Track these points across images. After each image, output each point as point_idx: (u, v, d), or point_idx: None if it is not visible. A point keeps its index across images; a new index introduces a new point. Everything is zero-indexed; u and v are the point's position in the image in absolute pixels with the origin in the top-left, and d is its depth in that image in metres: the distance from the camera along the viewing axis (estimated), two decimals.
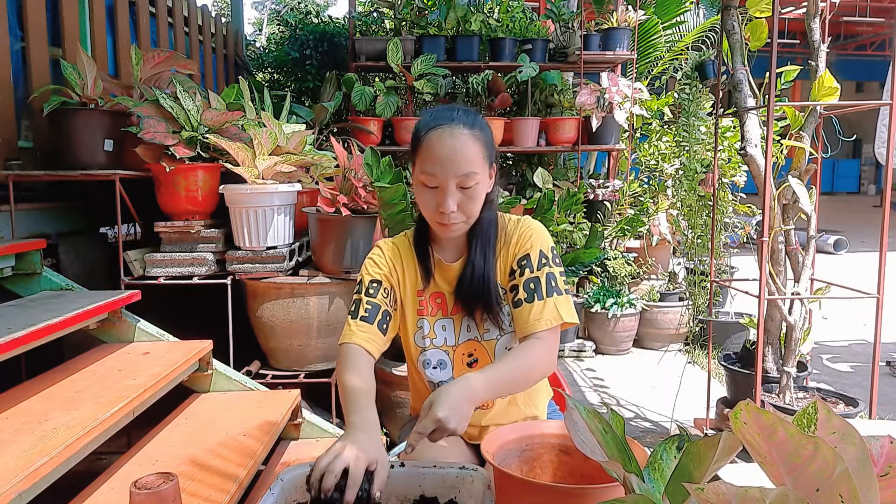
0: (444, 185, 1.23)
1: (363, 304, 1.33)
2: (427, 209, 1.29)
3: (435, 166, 1.23)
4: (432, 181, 1.24)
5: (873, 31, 12.52)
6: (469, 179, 1.23)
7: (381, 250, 1.41)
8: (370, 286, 1.35)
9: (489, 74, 4.37)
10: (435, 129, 1.24)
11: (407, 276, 1.39)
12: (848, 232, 8.29)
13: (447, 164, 1.22)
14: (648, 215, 4.25)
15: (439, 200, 1.25)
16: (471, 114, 1.28)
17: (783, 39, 2.59)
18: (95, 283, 2.41)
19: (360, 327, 1.31)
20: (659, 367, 3.85)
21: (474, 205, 1.27)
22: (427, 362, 1.39)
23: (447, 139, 1.23)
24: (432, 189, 1.25)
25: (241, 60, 5.14)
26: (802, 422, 0.60)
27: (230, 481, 1.60)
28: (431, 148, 1.23)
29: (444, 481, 1.05)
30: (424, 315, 1.39)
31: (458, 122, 1.24)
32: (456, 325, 1.39)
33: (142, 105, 2.47)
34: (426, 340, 1.39)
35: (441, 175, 1.23)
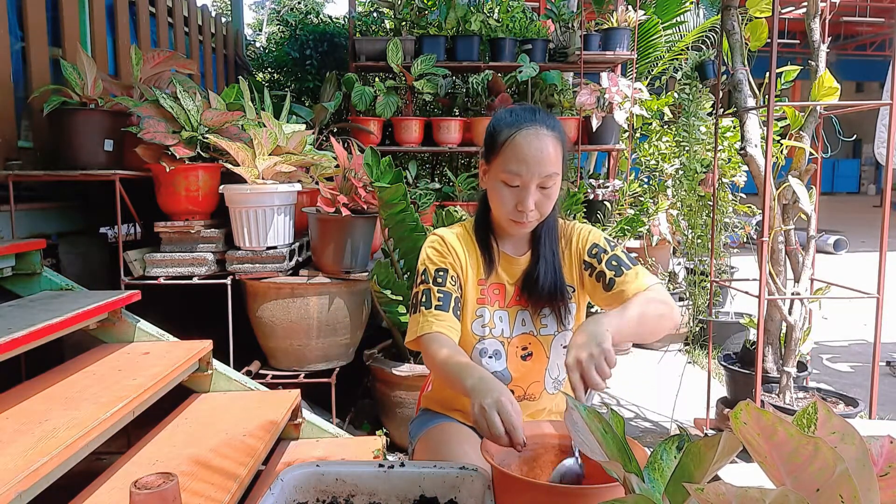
0: (527, 185, 1.28)
1: (434, 293, 1.34)
2: (505, 207, 1.32)
3: (521, 166, 1.27)
4: (515, 180, 1.29)
5: (873, 31, 12.52)
6: (550, 180, 1.29)
7: (441, 239, 1.42)
8: (437, 275, 1.37)
9: (489, 74, 4.37)
10: (521, 130, 1.28)
11: (469, 263, 1.42)
12: (848, 232, 8.29)
13: (533, 164, 1.27)
14: (648, 215, 4.25)
15: (520, 199, 1.29)
16: (551, 116, 1.34)
17: (783, 39, 2.59)
18: (95, 283, 2.41)
19: (437, 316, 1.32)
20: (659, 367, 3.85)
21: (550, 204, 1.33)
22: (484, 350, 1.40)
23: (534, 140, 1.27)
24: (513, 188, 1.30)
25: (241, 60, 5.14)
26: (802, 422, 0.60)
27: (231, 480, 1.60)
28: (518, 148, 1.27)
29: (444, 481, 1.05)
30: (485, 304, 1.41)
31: (541, 123, 1.29)
32: (511, 317, 1.41)
33: (142, 105, 2.47)
34: (485, 329, 1.40)
35: (526, 175, 1.27)
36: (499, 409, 1.02)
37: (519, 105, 1.37)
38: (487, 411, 1.03)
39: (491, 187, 1.34)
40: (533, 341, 1.41)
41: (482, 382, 1.10)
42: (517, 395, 1.43)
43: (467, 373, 1.15)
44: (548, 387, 1.44)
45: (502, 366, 1.40)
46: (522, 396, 1.43)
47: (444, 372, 1.23)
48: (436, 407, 1.51)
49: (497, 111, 1.39)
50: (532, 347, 1.41)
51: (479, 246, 1.42)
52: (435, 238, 1.43)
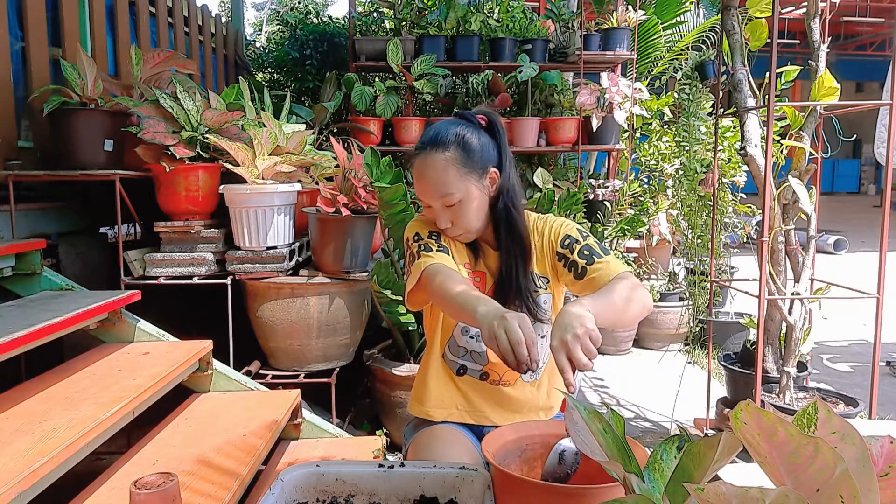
0: (433, 207, 1.38)
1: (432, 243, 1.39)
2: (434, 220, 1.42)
3: (419, 192, 1.39)
4: (424, 203, 1.40)
5: (873, 31, 12.52)
6: (449, 199, 1.36)
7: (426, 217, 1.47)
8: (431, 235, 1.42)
9: (489, 74, 4.37)
10: (417, 157, 1.38)
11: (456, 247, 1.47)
12: (848, 232, 8.29)
13: (428, 189, 1.37)
14: (648, 215, 4.25)
15: (435, 217, 1.41)
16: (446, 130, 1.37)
17: (783, 39, 2.59)
18: (95, 283, 2.41)
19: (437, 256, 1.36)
20: (659, 367, 3.85)
21: (466, 217, 1.38)
22: (466, 330, 1.45)
23: (424, 168, 1.37)
24: (429, 207, 1.41)
25: (241, 60, 5.14)
26: (802, 422, 0.60)
27: (232, 479, 1.60)
28: (415, 175, 1.39)
29: (444, 481, 1.05)
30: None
31: (432, 146, 1.36)
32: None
33: (142, 105, 2.47)
34: None
35: (426, 199, 1.39)
36: (506, 328, 1.04)
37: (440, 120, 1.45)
38: (496, 331, 1.05)
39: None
40: None
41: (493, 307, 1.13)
42: (492, 378, 1.46)
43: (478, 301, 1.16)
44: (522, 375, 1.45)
45: (482, 347, 1.44)
46: (498, 381, 1.47)
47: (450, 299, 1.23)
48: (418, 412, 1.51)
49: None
50: None
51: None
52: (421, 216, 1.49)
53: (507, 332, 1.04)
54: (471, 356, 1.46)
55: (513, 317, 1.06)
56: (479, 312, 1.12)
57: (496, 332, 1.05)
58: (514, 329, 1.03)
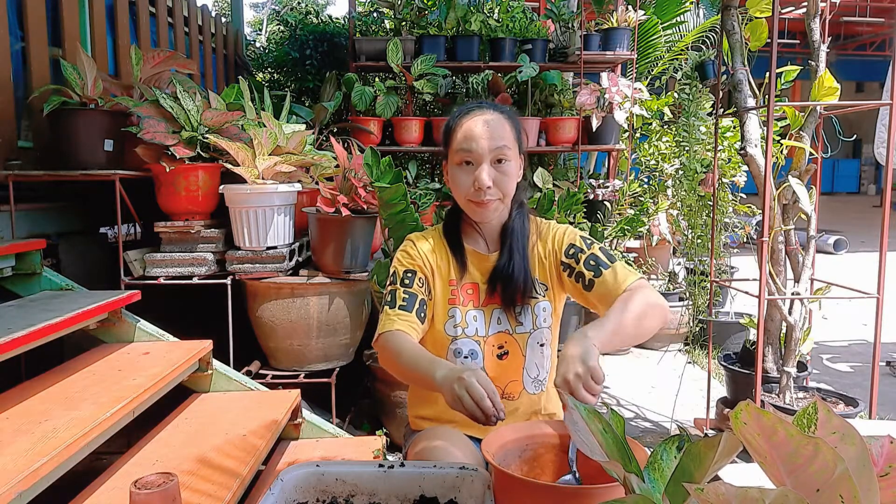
0: (480, 160, 1.31)
1: (399, 293, 1.36)
2: (464, 189, 1.35)
3: (471, 142, 1.31)
4: (468, 156, 1.32)
5: (873, 31, 12.51)
6: (503, 153, 1.32)
7: (412, 242, 1.44)
8: (405, 276, 1.39)
9: (489, 74, 4.37)
10: (469, 114, 1.35)
11: (440, 265, 1.43)
12: (848, 232, 8.29)
13: (482, 139, 1.31)
14: (648, 215, 4.25)
15: (476, 176, 1.32)
16: (499, 104, 1.40)
17: (783, 39, 2.59)
18: (95, 283, 2.41)
19: (400, 315, 1.33)
20: (659, 367, 3.85)
21: (509, 182, 1.34)
22: (458, 351, 1.40)
23: (480, 119, 1.33)
24: (467, 167, 1.33)
25: (241, 60, 5.14)
26: (802, 422, 0.60)
27: (232, 479, 1.60)
28: (467, 128, 1.33)
29: (444, 481, 1.05)
30: (456, 304, 1.41)
31: (488, 107, 1.36)
32: (486, 316, 1.41)
33: (142, 105, 2.47)
34: (458, 329, 1.40)
35: (477, 149, 1.31)
36: (466, 388, 1.04)
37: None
38: (457, 392, 1.05)
39: (451, 177, 1.38)
40: (509, 339, 1.41)
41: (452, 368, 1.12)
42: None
43: (434, 366, 1.16)
44: (527, 386, 1.44)
45: (479, 365, 1.40)
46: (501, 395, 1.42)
47: (408, 369, 1.23)
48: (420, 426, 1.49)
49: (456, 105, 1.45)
50: (508, 346, 1.41)
51: (449, 247, 1.43)
52: (407, 242, 1.45)
53: (468, 391, 1.04)
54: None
55: (469, 374, 1.06)
56: (437, 379, 1.12)
57: (458, 393, 1.05)
58: (473, 387, 1.04)
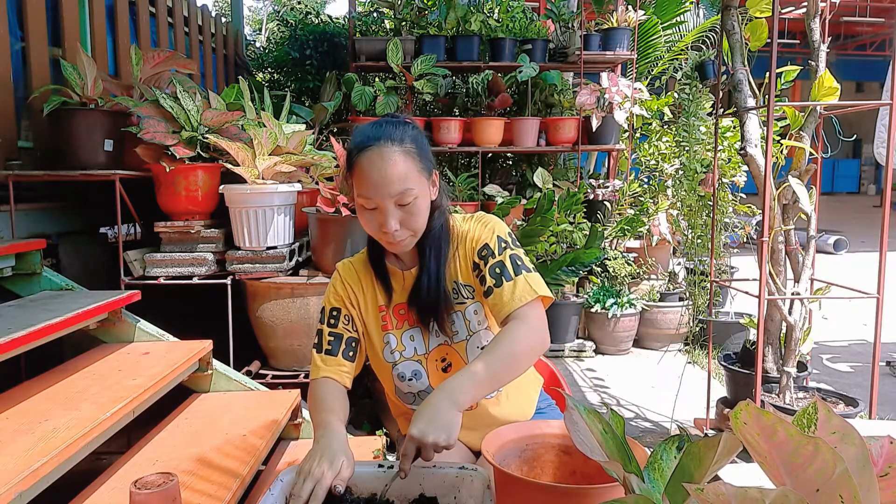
0: (383, 206, 1.22)
1: (325, 336, 1.34)
2: (371, 230, 1.28)
3: (369, 189, 1.21)
4: (370, 203, 1.23)
5: (873, 31, 12.51)
6: (406, 196, 1.21)
7: (338, 274, 1.40)
8: (331, 315, 1.35)
9: (489, 74, 4.37)
10: (364, 151, 1.21)
11: (367, 294, 1.38)
12: (848, 232, 8.29)
13: (381, 186, 1.20)
14: (648, 215, 4.25)
15: (380, 221, 1.23)
16: (399, 126, 1.25)
17: (783, 39, 2.59)
18: (95, 283, 2.41)
19: (326, 361, 1.31)
20: (659, 367, 3.85)
21: (417, 219, 1.25)
22: (402, 375, 1.37)
23: (377, 160, 1.20)
24: (372, 210, 1.24)
25: (241, 60, 5.14)
26: (802, 422, 0.60)
27: (232, 479, 1.60)
28: (363, 171, 1.21)
29: (444, 481, 1.05)
30: (389, 329, 1.37)
31: (385, 139, 1.21)
32: (423, 333, 1.37)
33: (142, 105, 2.47)
34: (395, 354, 1.37)
35: (377, 197, 1.21)
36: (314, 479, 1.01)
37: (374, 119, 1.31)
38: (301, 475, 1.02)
39: (357, 211, 1.29)
40: (449, 350, 1.37)
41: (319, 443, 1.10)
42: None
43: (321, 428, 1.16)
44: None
45: (425, 384, 1.37)
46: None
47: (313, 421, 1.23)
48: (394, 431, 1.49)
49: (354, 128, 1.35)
50: (450, 357, 1.37)
51: (374, 271, 1.39)
52: (335, 273, 1.41)
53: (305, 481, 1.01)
54: (419, 397, 1.39)
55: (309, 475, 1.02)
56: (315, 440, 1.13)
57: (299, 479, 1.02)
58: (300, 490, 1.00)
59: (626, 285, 4.21)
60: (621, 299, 4.02)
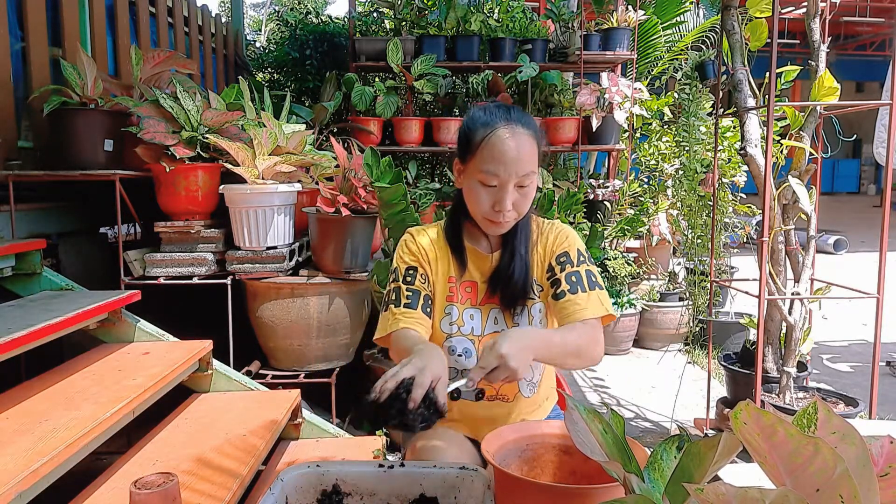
0: (505, 185, 1.27)
1: (403, 291, 1.35)
2: (481, 207, 1.31)
3: (498, 166, 1.25)
4: (492, 180, 1.27)
5: (873, 31, 12.51)
6: (528, 178, 1.28)
7: (412, 237, 1.43)
8: (407, 273, 1.38)
9: (489, 74, 4.37)
10: (497, 130, 1.26)
11: (439, 261, 1.41)
12: (848, 232, 8.29)
13: (511, 164, 1.25)
14: (648, 215, 4.25)
15: (497, 199, 1.28)
16: (525, 114, 1.33)
17: (783, 39, 2.59)
18: (95, 283, 2.41)
19: (406, 313, 1.33)
20: (659, 367, 3.85)
21: (527, 203, 1.31)
22: (453, 349, 1.40)
23: (510, 139, 1.26)
24: (490, 188, 1.28)
25: (241, 60, 5.14)
26: (802, 422, 0.60)
27: (232, 479, 1.60)
28: (494, 148, 1.26)
29: (444, 481, 1.05)
30: (454, 301, 1.40)
31: (516, 121, 1.28)
32: (483, 315, 1.41)
33: (142, 105, 2.47)
34: (453, 327, 1.40)
35: (503, 175, 1.26)
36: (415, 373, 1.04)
37: (493, 103, 1.35)
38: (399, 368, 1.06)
39: (467, 187, 1.33)
40: None
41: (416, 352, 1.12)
42: (488, 394, 1.42)
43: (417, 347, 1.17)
44: (523, 389, 1.43)
45: (472, 364, 1.39)
46: (495, 396, 1.42)
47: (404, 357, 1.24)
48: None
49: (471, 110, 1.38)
50: None
51: (450, 244, 1.42)
52: (407, 236, 1.44)
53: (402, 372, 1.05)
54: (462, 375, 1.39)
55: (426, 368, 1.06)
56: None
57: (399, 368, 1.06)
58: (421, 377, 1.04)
59: (626, 285, 4.21)
60: (621, 299, 4.02)
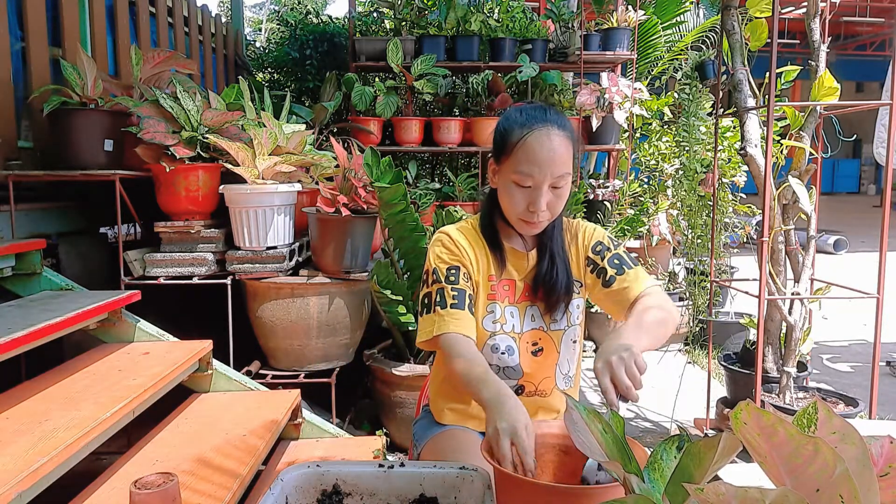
0: (540, 186, 1.28)
1: (448, 291, 1.34)
2: (516, 207, 1.31)
3: (533, 167, 1.26)
4: (527, 181, 1.28)
5: (873, 31, 12.51)
6: (562, 180, 1.29)
7: (449, 237, 1.41)
8: (450, 273, 1.36)
9: (489, 74, 4.37)
10: (533, 131, 1.27)
11: (479, 260, 1.41)
12: (848, 232, 8.29)
13: (546, 165, 1.26)
14: (648, 215, 4.25)
15: (532, 199, 1.29)
16: (561, 115, 1.33)
17: (783, 39, 2.59)
18: (95, 283, 2.41)
19: (454, 315, 1.31)
20: (659, 367, 3.85)
21: (561, 204, 1.33)
22: (496, 347, 1.40)
23: (546, 141, 1.27)
24: (524, 189, 1.29)
25: (241, 60, 5.14)
26: (802, 422, 0.60)
27: (232, 479, 1.60)
28: (530, 149, 1.27)
29: (444, 481, 1.05)
30: (496, 300, 1.41)
31: (553, 123, 1.28)
32: (521, 313, 1.42)
33: (142, 105, 2.47)
34: (497, 325, 1.40)
35: (539, 176, 1.27)
36: (512, 436, 1.02)
37: (529, 104, 1.36)
38: (501, 437, 1.02)
39: (502, 187, 1.34)
40: (543, 336, 1.42)
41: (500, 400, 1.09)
42: (528, 390, 1.42)
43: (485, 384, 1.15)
44: (559, 382, 1.44)
45: (515, 361, 1.40)
46: (534, 392, 1.43)
47: (462, 379, 1.21)
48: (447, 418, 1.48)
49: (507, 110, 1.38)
50: (542, 343, 1.42)
51: (488, 243, 1.42)
52: (443, 236, 1.42)
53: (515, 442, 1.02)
54: (504, 373, 1.41)
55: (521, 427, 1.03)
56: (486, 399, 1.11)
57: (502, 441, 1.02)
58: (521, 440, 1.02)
59: None
60: None
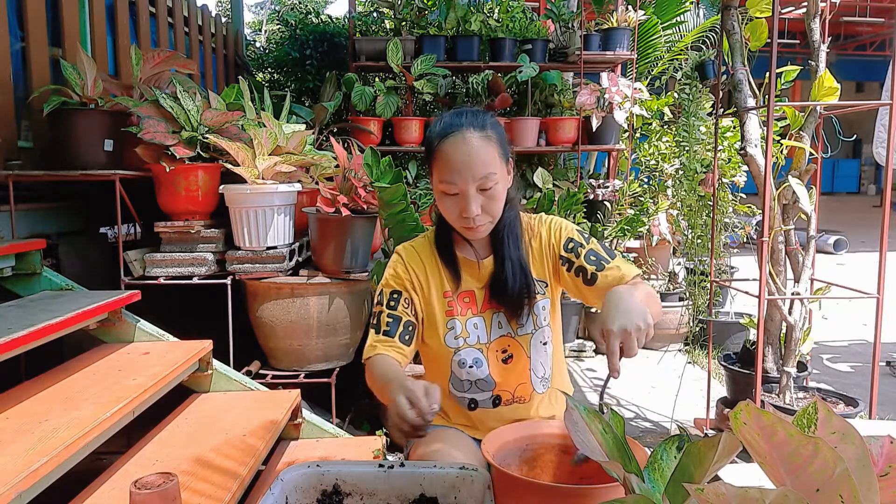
0: (465, 191, 1.26)
1: (384, 316, 1.36)
2: (451, 216, 1.31)
3: (454, 174, 1.26)
4: (452, 189, 1.27)
5: (873, 31, 12.51)
6: (488, 181, 1.26)
7: (400, 257, 1.41)
8: (391, 298, 1.37)
9: (489, 74, 4.37)
10: (447, 138, 1.26)
11: (431, 279, 1.40)
12: (848, 232, 8.29)
13: (465, 169, 1.25)
14: (648, 215, 4.25)
15: (462, 206, 1.27)
16: (479, 115, 1.31)
17: (783, 39, 2.59)
18: (95, 283, 2.41)
19: (382, 341, 1.34)
20: (659, 367, 3.85)
21: (496, 204, 1.30)
22: (463, 362, 1.39)
23: (461, 145, 1.25)
24: (453, 196, 1.28)
25: (241, 60, 5.14)
26: (802, 422, 0.60)
27: (232, 479, 1.60)
28: (446, 157, 1.26)
29: (444, 481, 1.05)
30: (454, 315, 1.39)
31: (467, 126, 1.27)
32: (486, 322, 1.40)
33: (142, 105, 2.47)
34: (459, 340, 1.39)
35: (461, 182, 1.26)
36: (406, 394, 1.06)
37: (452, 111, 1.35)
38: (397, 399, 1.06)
39: (437, 198, 1.33)
40: (512, 343, 1.40)
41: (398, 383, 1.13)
42: (505, 399, 1.41)
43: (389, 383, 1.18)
44: (536, 387, 1.43)
45: (485, 373, 1.39)
46: (511, 400, 1.42)
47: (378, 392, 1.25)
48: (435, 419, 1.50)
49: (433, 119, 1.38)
50: (511, 349, 1.40)
51: (441, 257, 1.41)
52: (396, 256, 1.42)
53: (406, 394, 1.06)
54: (477, 386, 1.41)
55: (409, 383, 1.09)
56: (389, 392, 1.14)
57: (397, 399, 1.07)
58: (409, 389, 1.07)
59: None
60: None
